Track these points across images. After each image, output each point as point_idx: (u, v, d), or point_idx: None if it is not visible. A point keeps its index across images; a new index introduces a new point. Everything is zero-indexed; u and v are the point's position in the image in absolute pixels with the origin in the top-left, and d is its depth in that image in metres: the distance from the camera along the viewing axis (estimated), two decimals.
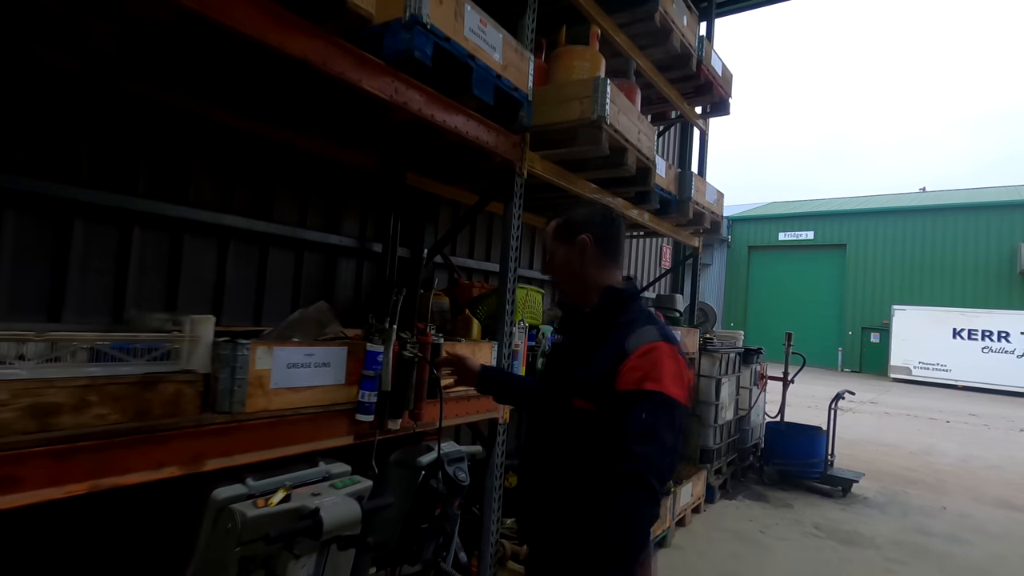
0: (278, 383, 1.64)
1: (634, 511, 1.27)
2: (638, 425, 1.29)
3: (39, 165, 2.04)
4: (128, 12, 1.69)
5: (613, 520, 1.28)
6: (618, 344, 1.40)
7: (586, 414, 1.41)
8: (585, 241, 1.51)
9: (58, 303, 2.11)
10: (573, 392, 1.45)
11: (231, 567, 1.46)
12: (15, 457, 1.17)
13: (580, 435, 1.43)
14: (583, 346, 1.50)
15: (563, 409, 1.47)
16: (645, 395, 1.32)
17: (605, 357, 1.41)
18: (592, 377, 1.41)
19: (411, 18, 1.88)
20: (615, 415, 1.34)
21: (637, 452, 1.28)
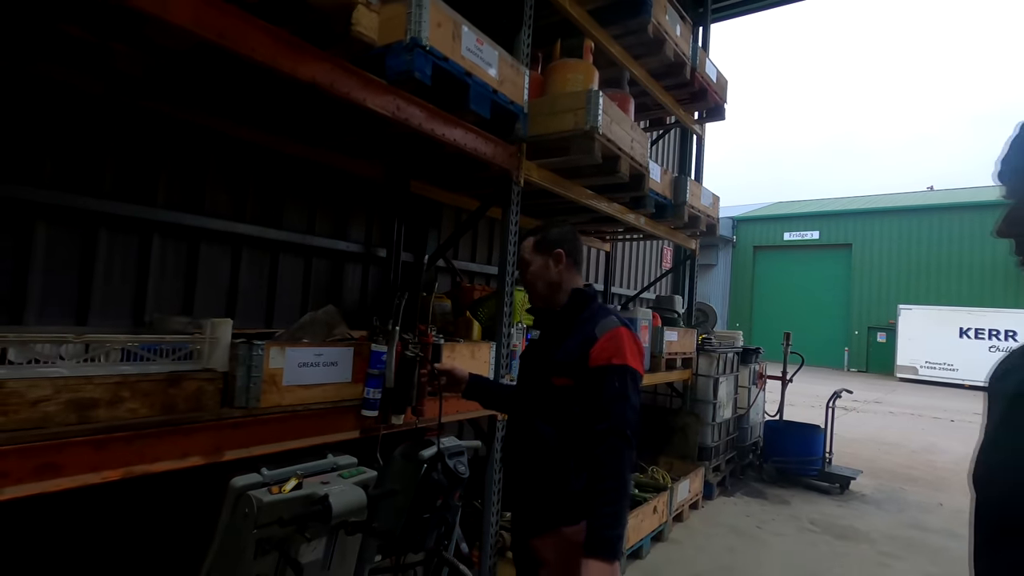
0: (290, 381, 1.78)
1: (618, 457, 1.58)
2: (612, 392, 1.63)
3: (66, 180, 2.20)
4: (149, 38, 1.85)
5: (604, 470, 1.58)
6: (588, 331, 1.73)
7: (565, 389, 1.72)
8: (561, 254, 1.84)
9: (84, 307, 2.26)
10: (552, 372, 1.76)
11: (248, 548, 1.59)
12: (58, 446, 1.31)
13: (560, 405, 1.73)
14: (557, 336, 1.82)
15: (545, 387, 1.77)
16: (615, 368, 1.65)
17: (578, 342, 1.73)
18: (569, 359, 1.72)
19: (411, 41, 2.02)
20: (589, 387, 1.67)
21: (613, 412, 1.61)
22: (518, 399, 1.93)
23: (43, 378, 1.32)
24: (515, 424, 1.92)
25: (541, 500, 1.76)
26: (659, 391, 5.58)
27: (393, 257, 3.37)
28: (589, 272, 6.01)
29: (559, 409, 1.73)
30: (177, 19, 1.47)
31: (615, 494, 1.57)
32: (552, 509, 1.73)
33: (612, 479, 1.57)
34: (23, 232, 2.10)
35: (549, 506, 1.73)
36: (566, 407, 1.72)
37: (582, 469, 1.67)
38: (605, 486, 1.57)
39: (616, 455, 1.59)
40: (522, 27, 2.79)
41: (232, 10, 1.57)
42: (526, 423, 1.83)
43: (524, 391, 1.90)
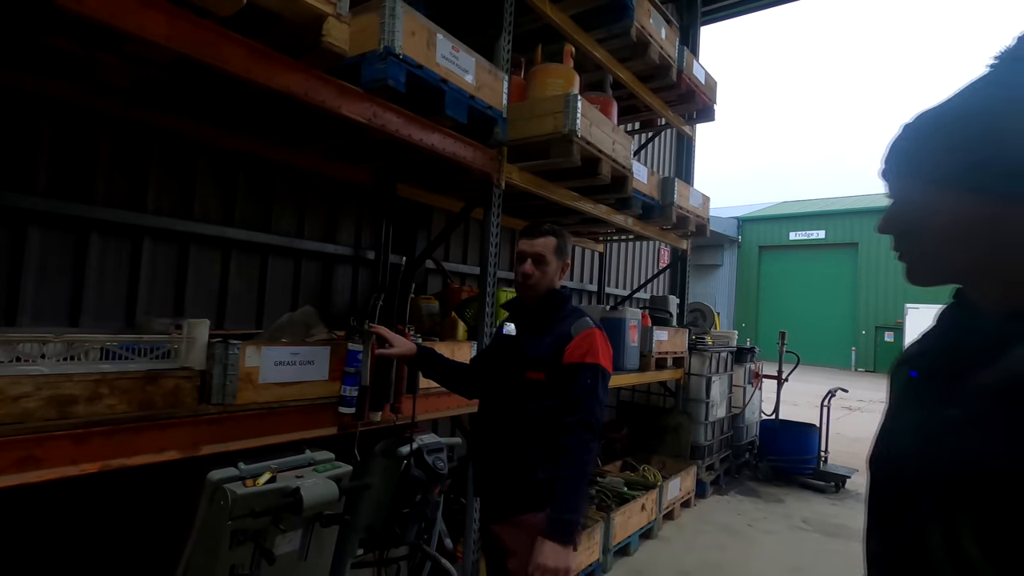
0: (266, 379, 1.85)
1: (584, 449, 1.70)
2: (584, 387, 1.74)
3: (59, 187, 2.29)
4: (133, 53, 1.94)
5: (568, 459, 1.69)
6: (564, 330, 1.84)
7: (537, 383, 1.82)
8: (568, 265, 1.98)
9: (77, 309, 2.35)
10: (527, 366, 1.85)
11: (224, 539, 1.67)
12: (38, 440, 1.39)
13: (531, 398, 1.83)
14: (532, 332, 1.91)
15: (517, 380, 1.86)
16: (588, 366, 1.77)
17: (553, 339, 1.83)
18: (544, 354, 1.82)
19: (385, 50, 2.09)
20: (561, 382, 1.78)
21: (583, 406, 1.72)
22: (486, 389, 2.00)
23: (24, 375, 1.39)
24: (484, 414, 2.01)
25: (507, 488, 1.84)
26: (652, 390, 5.61)
27: (381, 259, 3.44)
28: (583, 273, 6.06)
29: (530, 401, 1.82)
30: (153, 35, 1.54)
31: (576, 482, 1.68)
32: (518, 497, 1.81)
33: (575, 467, 1.68)
34: (17, 237, 2.20)
35: (515, 494, 1.82)
36: (536, 400, 1.81)
37: (548, 459, 1.76)
38: (568, 472, 1.68)
39: (582, 446, 1.70)
40: (502, 33, 2.85)
41: (206, 25, 1.64)
42: (495, 413, 1.92)
43: (493, 382, 1.97)
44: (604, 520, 3.42)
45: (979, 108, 0.72)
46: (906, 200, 0.79)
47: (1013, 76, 0.71)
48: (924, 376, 0.80)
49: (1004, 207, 0.69)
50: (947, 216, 0.73)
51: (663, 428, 5.17)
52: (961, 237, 0.73)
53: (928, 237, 0.76)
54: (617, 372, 4.03)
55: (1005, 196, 0.68)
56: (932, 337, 0.83)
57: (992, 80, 0.73)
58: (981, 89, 0.73)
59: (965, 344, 0.77)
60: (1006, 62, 0.73)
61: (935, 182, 0.74)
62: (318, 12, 1.76)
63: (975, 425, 0.64)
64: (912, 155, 0.77)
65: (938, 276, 0.78)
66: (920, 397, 0.79)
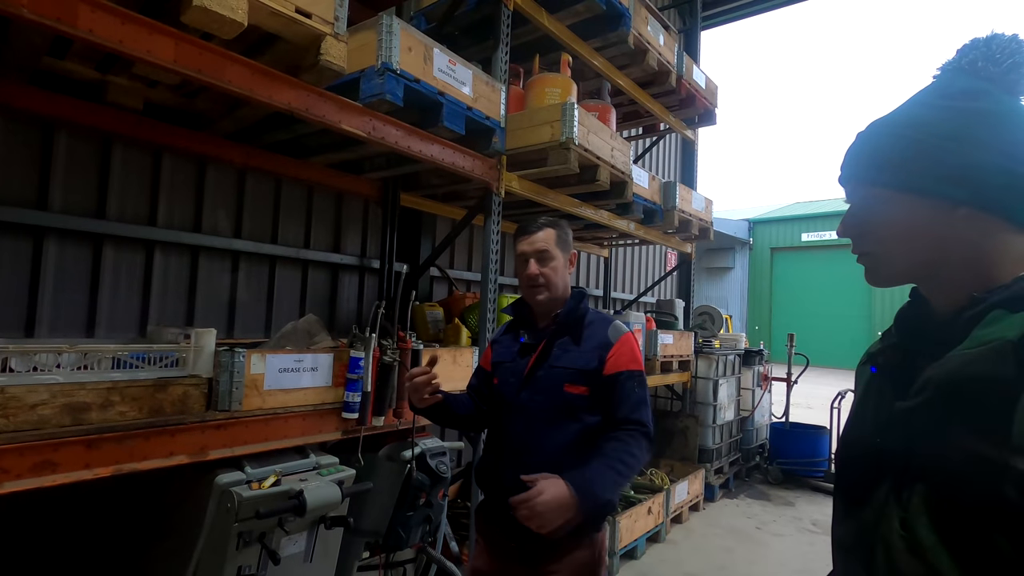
0: (271, 385, 1.92)
1: (642, 454, 1.55)
2: (635, 397, 1.60)
3: (74, 205, 2.39)
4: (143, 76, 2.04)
5: (625, 447, 1.51)
6: (602, 335, 1.66)
7: (580, 398, 1.61)
8: (575, 256, 1.80)
9: (92, 321, 2.44)
10: (563, 380, 1.62)
11: (231, 541, 1.73)
12: (54, 445, 1.46)
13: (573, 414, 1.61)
14: (561, 341, 1.67)
15: (554, 396, 1.62)
16: (634, 374, 1.63)
17: (593, 348, 1.64)
18: (586, 366, 1.61)
19: (383, 65, 2.16)
20: (607, 393, 1.60)
21: (640, 417, 1.58)
22: (503, 411, 1.71)
23: (40, 384, 1.47)
24: (507, 440, 1.68)
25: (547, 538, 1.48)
26: (659, 393, 5.62)
27: (385, 268, 3.51)
28: (589, 278, 6.09)
29: (571, 418, 1.60)
30: (160, 59, 1.62)
31: (626, 469, 1.48)
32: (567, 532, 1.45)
33: (630, 457, 1.50)
34: (35, 253, 2.29)
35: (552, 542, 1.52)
36: (579, 417, 1.60)
37: None
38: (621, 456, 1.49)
39: (641, 452, 1.53)
40: (499, 45, 2.91)
41: (209, 47, 1.72)
42: (526, 437, 1.63)
43: (520, 399, 1.66)
44: (610, 523, 3.44)
45: (923, 116, 0.76)
46: (861, 204, 0.83)
47: (954, 86, 0.75)
48: (881, 371, 0.84)
49: (947, 211, 0.73)
50: (897, 219, 0.77)
51: (671, 431, 5.17)
52: (910, 239, 0.77)
53: (882, 239, 0.80)
54: None
55: (947, 200, 0.72)
56: (891, 335, 0.87)
57: (935, 90, 0.77)
58: (925, 98, 0.77)
59: (916, 341, 0.80)
60: (948, 73, 0.77)
61: (885, 187, 0.78)
62: (316, 32, 1.84)
63: (922, 418, 0.68)
64: (864, 161, 0.82)
65: (894, 277, 0.82)
66: (878, 392, 0.83)
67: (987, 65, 0.72)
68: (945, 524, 0.63)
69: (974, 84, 0.73)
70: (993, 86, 0.72)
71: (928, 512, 0.64)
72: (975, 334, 0.66)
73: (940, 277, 0.77)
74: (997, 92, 0.71)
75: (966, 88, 0.73)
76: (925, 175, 0.74)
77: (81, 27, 1.44)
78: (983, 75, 0.73)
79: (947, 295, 0.76)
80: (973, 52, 0.74)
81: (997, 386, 0.60)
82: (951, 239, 0.73)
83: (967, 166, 0.70)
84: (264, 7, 1.68)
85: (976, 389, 0.62)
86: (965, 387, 0.63)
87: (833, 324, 21.68)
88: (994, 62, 0.72)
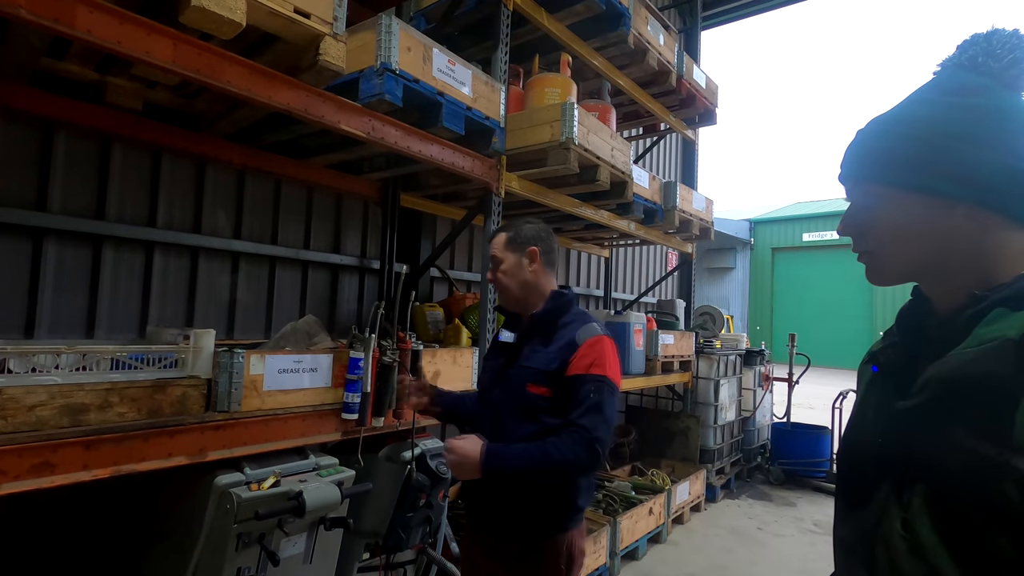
0: (270, 386, 1.91)
1: (570, 455, 1.48)
2: (588, 402, 1.53)
3: (73, 205, 2.39)
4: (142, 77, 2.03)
5: (554, 453, 1.48)
6: (569, 337, 1.63)
7: (541, 398, 1.61)
8: (535, 252, 1.74)
9: (91, 322, 2.44)
10: (528, 380, 1.63)
11: (230, 542, 1.72)
12: (52, 447, 1.46)
13: (533, 415, 1.61)
14: (535, 341, 1.69)
15: (518, 395, 1.64)
16: (593, 378, 1.56)
17: (558, 349, 1.62)
18: (547, 367, 1.61)
19: (382, 66, 2.16)
20: (566, 396, 1.57)
21: (585, 422, 1.50)
22: (484, 403, 1.79)
23: (38, 385, 1.46)
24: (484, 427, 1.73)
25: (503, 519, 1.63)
26: (660, 394, 5.61)
27: (385, 268, 3.51)
28: (590, 278, 6.09)
29: (531, 420, 1.61)
30: (159, 59, 1.62)
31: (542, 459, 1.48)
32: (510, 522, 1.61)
33: (555, 451, 1.47)
34: (34, 254, 2.29)
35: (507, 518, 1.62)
36: (539, 418, 1.60)
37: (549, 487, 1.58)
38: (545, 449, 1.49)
39: (570, 450, 1.47)
40: (499, 45, 2.91)
41: (208, 48, 1.72)
42: (493, 427, 1.67)
43: (492, 396, 1.74)
44: (610, 524, 3.43)
45: (923, 113, 0.75)
46: (861, 203, 0.82)
47: (954, 82, 0.74)
48: (883, 371, 0.83)
49: (947, 208, 0.72)
50: (897, 217, 0.77)
51: (672, 432, 5.17)
52: (910, 237, 0.76)
53: (882, 238, 0.80)
54: (622, 376, 4.04)
55: (947, 197, 0.72)
56: (892, 334, 0.86)
57: (935, 86, 0.76)
58: (925, 95, 0.77)
59: (918, 340, 0.80)
60: (948, 69, 0.76)
61: (885, 184, 0.77)
62: (315, 32, 1.83)
63: (923, 417, 0.68)
64: (864, 159, 0.81)
65: (894, 275, 0.81)
66: (880, 391, 0.82)
67: (987, 61, 0.72)
68: (946, 524, 0.62)
69: (974, 80, 0.72)
70: (993, 82, 0.71)
71: (929, 512, 0.64)
72: (976, 333, 0.66)
73: (941, 275, 0.76)
74: (997, 88, 0.71)
75: (966, 84, 0.72)
76: (925, 172, 0.73)
77: (79, 27, 1.44)
78: (983, 71, 0.72)
79: (948, 293, 0.76)
80: (973, 48, 0.73)
81: (998, 385, 0.59)
82: (951, 236, 0.73)
83: (967, 163, 0.70)
84: (263, 7, 1.67)
85: (977, 388, 0.61)
86: (965, 386, 0.63)
87: (834, 324, 21.65)
88: (994, 58, 0.71)
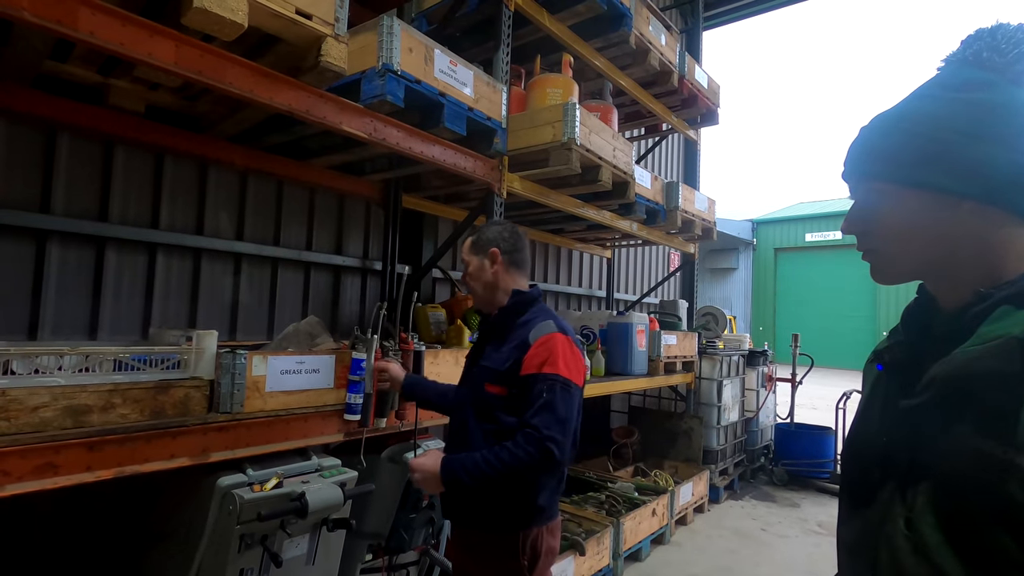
0: (273, 387, 1.91)
1: (522, 456, 1.47)
2: (538, 401, 1.52)
3: (76, 207, 2.39)
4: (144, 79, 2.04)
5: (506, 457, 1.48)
6: (522, 336, 1.64)
7: (497, 398, 1.63)
8: (495, 253, 1.76)
9: (94, 324, 2.44)
10: (485, 378, 1.67)
11: (233, 543, 1.72)
12: (55, 448, 1.46)
13: (490, 415, 1.64)
14: (494, 341, 1.74)
15: (477, 394, 1.69)
16: (544, 377, 1.55)
17: (511, 349, 1.64)
18: (500, 367, 1.64)
19: (384, 67, 2.16)
20: (520, 396, 1.57)
21: (536, 422, 1.50)
22: (456, 398, 1.84)
23: (42, 386, 1.47)
24: (449, 430, 1.84)
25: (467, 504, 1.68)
26: (662, 394, 5.60)
27: (388, 269, 3.51)
28: (592, 279, 6.08)
29: (489, 419, 1.65)
30: (161, 61, 1.62)
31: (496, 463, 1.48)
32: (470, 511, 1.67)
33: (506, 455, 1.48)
34: (38, 256, 2.30)
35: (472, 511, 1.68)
36: (496, 418, 1.63)
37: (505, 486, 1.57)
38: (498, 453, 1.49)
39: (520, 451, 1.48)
40: (500, 46, 2.91)
41: (210, 49, 1.72)
42: (456, 431, 1.76)
43: (459, 395, 1.82)
44: (613, 525, 3.42)
45: (928, 109, 0.74)
46: (865, 200, 0.81)
47: (958, 78, 0.74)
48: (888, 369, 0.83)
49: (953, 205, 0.71)
50: (902, 215, 0.76)
51: (675, 433, 5.15)
52: (916, 235, 0.75)
53: (887, 236, 0.79)
54: (625, 377, 4.04)
55: (953, 194, 0.71)
56: (898, 332, 0.85)
57: (940, 82, 0.76)
58: (930, 91, 0.76)
59: (923, 338, 0.79)
60: (952, 64, 0.76)
61: (889, 182, 0.77)
62: (317, 34, 1.84)
63: (927, 416, 0.67)
64: (868, 156, 0.80)
65: (899, 274, 0.81)
66: (885, 390, 0.82)
67: (992, 56, 0.71)
68: (950, 524, 0.61)
69: (979, 75, 0.71)
70: (998, 77, 0.70)
71: (933, 511, 0.63)
72: (981, 331, 0.65)
73: (946, 273, 0.75)
74: (1003, 83, 0.70)
75: (971, 79, 0.71)
76: (930, 169, 0.72)
77: (82, 29, 1.45)
78: (988, 66, 0.71)
79: (953, 291, 0.75)
80: (978, 43, 0.72)
81: (1003, 383, 0.59)
82: (957, 234, 0.72)
83: (973, 159, 0.69)
84: (265, 9, 1.68)
85: (981, 387, 0.61)
86: (970, 384, 0.62)
87: (838, 324, 21.60)
88: (999, 52, 0.70)
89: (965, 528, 0.60)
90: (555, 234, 5.06)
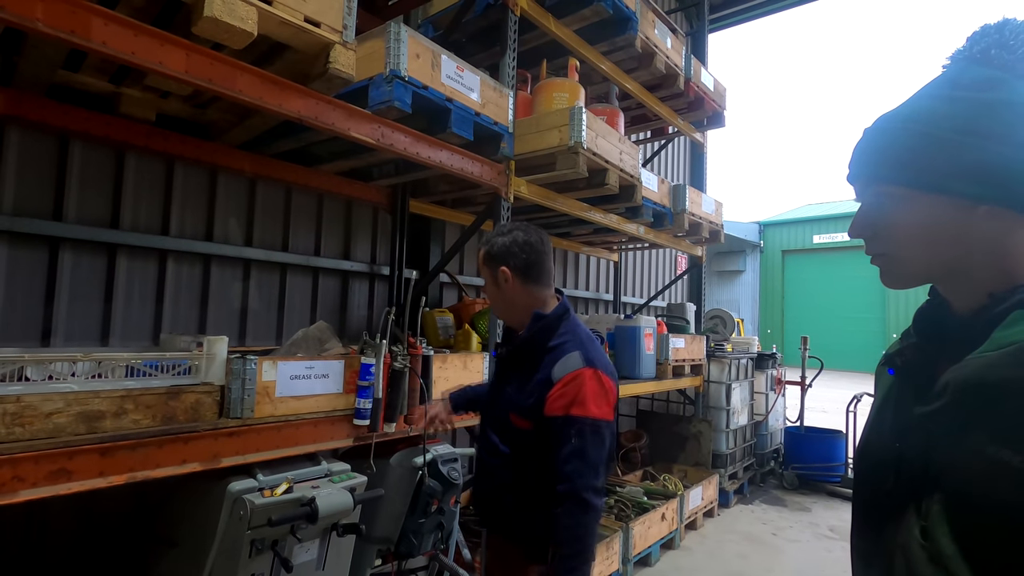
0: (283, 392, 1.92)
1: (576, 523, 1.44)
2: (569, 449, 1.45)
3: (88, 215, 2.42)
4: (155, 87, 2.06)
5: (563, 535, 1.45)
6: (547, 372, 1.54)
7: (523, 431, 1.56)
8: (505, 272, 1.62)
9: (106, 330, 2.46)
10: (510, 409, 1.60)
11: (244, 548, 1.73)
12: (68, 453, 1.47)
13: (514, 442, 1.60)
14: (520, 367, 1.63)
15: (504, 422, 1.62)
16: (572, 420, 1.46)
17: (536, 385, 1.55)
18: (525, 403, 1.56)
19: (391, 73, 2.17)
20: (547, 436, 1.50)
21: (570, 473, 1.45)
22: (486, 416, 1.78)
23: (55, 392, 1.48)
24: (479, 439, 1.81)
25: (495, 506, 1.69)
26: (671, 398, 5.57)
27: (395, 274, 3.52)
28: (599, 282, 6.07)
29: (516, 450, 1.60)
30: (172, 69, 1.64)
31: (575, 561, 1.45)
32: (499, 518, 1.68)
33: (571, 544, 1.45)
34: (50, 263, 2.32)
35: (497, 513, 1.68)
36: (519, 447, 1.59)
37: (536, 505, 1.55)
38: (564, 552, 1.45)
39: (573, 520, 1.45)
40: (506, 51, 2.92)
41: (220, 58, 1.74)
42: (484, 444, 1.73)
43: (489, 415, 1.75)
44: (623, 530, 3.40)
45: (938, 110, 0.72)
46: (873, 204, 0.80)
47: (966, 77, 0.72)
48: (899, 374, 0.82)
49: (967, 209, 0.70)
50: (913, 219, 0.74)
51: (683, 436, 5.12)
52: (928, 239, 0.74)
53: (899, 240, 0.77)
54: (633, 381, 4.02)
55: (966, 198, 0.70)
56: (909, 335, 0.84)
57: (947, 81, 0.74)
58: (936, 90, 0.74)
59: (935, 342, 0.78)
60: (959, 62, 0.74)
61: (898, 184, 0.75)
62: (325, 41, 1.85)
63: (941, 423, 0.66)
64: (874, 158, 0.78)
65: (911, 278, 0.79)
66: (897, 394, 0.80)
67: (1000, 52, 0.69)
68: (965, 533, 0.60)
69: (987, 73, 0.69)
70: (1007, 74, 0.68)
71: (948, 521, 0.62)
72: (995, 336, 0.64)
73: (959, 276, 0.74)
74: (1012, 80, 0.68)
75: (979, 78, 0.70)
76: (941, 172, 0.71)
77: (95, 39, 1.47)
78: (996, 63, 0.69)
79: (967, 294, 0.74)
80: (985, 40, 0.71)
81: (1019, 391, 0.58)
82: (971, 238, 0.70)
83: (986, 161, 0.67)
84: (274, 17, 1.69)
85: (996, 393, 0.60)
86: (984, 391, 0.61)
87: (847, 326, 21.43)
88: (1007, 49, 0.69)
89: (980, 538, 0.59)
90: (562, 238, 5.06)
